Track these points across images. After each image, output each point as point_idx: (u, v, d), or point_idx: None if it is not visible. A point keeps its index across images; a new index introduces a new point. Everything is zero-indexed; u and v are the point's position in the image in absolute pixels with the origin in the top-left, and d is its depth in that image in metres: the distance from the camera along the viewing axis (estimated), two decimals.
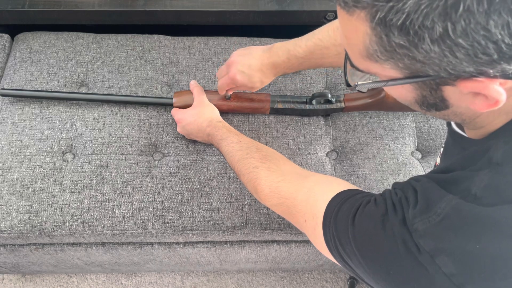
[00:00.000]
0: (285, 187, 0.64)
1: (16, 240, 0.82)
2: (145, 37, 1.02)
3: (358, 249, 0.47)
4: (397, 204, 0.45)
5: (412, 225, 0.42)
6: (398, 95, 0.45)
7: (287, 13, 1.04)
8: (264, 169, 0.68)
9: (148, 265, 1.04)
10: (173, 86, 0.97)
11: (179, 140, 0.89)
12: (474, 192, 0.40)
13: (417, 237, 0.41)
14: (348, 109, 0.90)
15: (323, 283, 1.27)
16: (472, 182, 0.41)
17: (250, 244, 0.91)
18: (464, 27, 0.32)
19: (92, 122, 0.89)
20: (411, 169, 0.88)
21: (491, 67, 0.34)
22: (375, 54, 0.39)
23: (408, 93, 0.43)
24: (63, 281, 1.24)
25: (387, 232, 0.45)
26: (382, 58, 0.39)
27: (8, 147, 0.86)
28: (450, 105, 0.42)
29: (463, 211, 0.40)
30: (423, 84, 0.40)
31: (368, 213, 0.48)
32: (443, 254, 0.40)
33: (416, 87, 0.41)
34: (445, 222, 0.40)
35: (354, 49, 0.41)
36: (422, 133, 0.94)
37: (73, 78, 0.95)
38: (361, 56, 0.41)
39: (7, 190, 0.82)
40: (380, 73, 0.42)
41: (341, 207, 0.51)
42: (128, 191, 0.83)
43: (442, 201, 0.41)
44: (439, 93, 0.41)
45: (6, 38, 1.02)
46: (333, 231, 0.51)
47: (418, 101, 0.43)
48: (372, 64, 0.41)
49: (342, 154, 0.91)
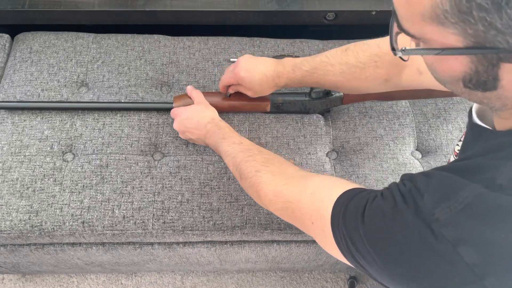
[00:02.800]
0: (289, 191, 0.62)
1: (16, 240, 0.82)
2: (145, 37, 1.02)
3: (371, 245, 0.45)
4: (407, 194, 0.43)
5: (432, 215, 0.40)
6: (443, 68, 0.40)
7: (287, 13, 1.04)
8: (267, 172, 0.66)
9: (148, 265, 1.04)
10: (173, 86, 0.97)
11: (179, 140, 0.89)
12: (500, 182, 0.38)
13: (439, 226, 0.39)
14: (347, 100, 0.89)
15: (323, 283, 1.27)
16: (498, 172, 0.39)
17: (250, 244, 0.91)
18: None
19: (92, 122, 0.89)
20: (411, 169, 0.88)
21: None
22: (443, 15, 0.34)
23: (460, 66, 0.38)
24: (63, 281, 1.24)
25: (399, 225, 0.43)
26: (451, 21, 0.34)
27: (8, 147, 0.86)
28: (499, 86, 0.38)
29: (487, 200, 0.38)
30: (483, 57, 0.36)
31: (377, 208, 0.46)
32: (466, 243, 0.38)
33: (474, 60, 0.36)
34: (468, 210, 0.38)
35: (416, 7, 0.36)
36: (422, 133, 0.94)
37: (73, 78, 0.95)
38: (421, 17, 0.36)
39: (7, 190, 0.82)
40: (436, 39, 0.37)
41: (348, 206, 0.50)
42: (128, 191, 0.83)
43: (464, 189, 0.39)
44: (495, 70, 0.36)
45: (6, 38, 1.02)
46: (343, 231, 0.49)
47: (467, 77, 0.39)
48: (431, 28, 0.36)
49: (342, 154, 0.91)
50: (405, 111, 0.95)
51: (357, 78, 0.74)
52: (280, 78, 0.78)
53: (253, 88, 0.80)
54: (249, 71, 0.78)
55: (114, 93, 0.93)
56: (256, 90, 0.80)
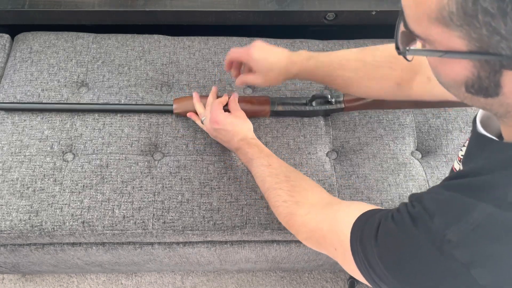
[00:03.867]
0: (312, 220, 0.64)
1: (16, 240, 0.82)
2: (145, 37, 1.02)
3: (387, 269, 0.46)
4: (417, 217, 0.44)
5: (443, 236, 0.40)
6: (446, 71, 0.40)
7: (287, 13, 1.04)
8: (292, 203, 0.68)
9: (148, 265, 1.04)
10: (173, 86, 0.97)
11: (179, 140, 0.89)
12: (511, 200, 0.38)
13: (451, 248, 0.40)
14: (348, 109, 0.90)
15: (323, 283, 1.27)
16: (508, 191, 0.38)
17: (250, 244, 0.91)
18: None
19: (92, 122, 0.89)
20: (411, 169, 0.88)
21: None
22: (449, 17, 0.34)
23: (462, 70, 0.38)
24: (63, 281, 1.24)
25: (411, 248, 0.43)
26: (456, 23, 0.34)
27: (8, 147, 0.86)
28: (501, 92, 0.38)
29: (498, 220, 0.38)
30: (486, 63, 0.36)
31: (388, 231, 0.47)
32: (479, 265, 0.38)
33: (476, 65, 0.36)
34: (480, 231, 0.38)
35: (422, 8, 0.36)
36: (422, 133, 0.94)
37: (73, 78, 0.95)
38: (428, 17, 0.36)
39: (7, 190, 0.82)
40: (440, 41, 0.37)
41: (364, 230, 0.51)
42: (128, 191, 0.83)
43: (475, 210, 0.39)
44: (497, 77, 0.36)
45: (6, 38, 1.02)
46: (361, 255, 0.50)
47: (469, 82, 0.39)
48: (436, 29, 0.36)
49: (342, 154, 0.91)
50: (405, 111, 0.95)
51: (370, 77, 0.73)
52: (294, 65, 0.76)
53: (263, 73, 0.77)
54: (264, 53, 0.76)
55: (114, 93, 0.93)
56: (266, 75, 0.77)
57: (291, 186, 0.70)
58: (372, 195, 0.85)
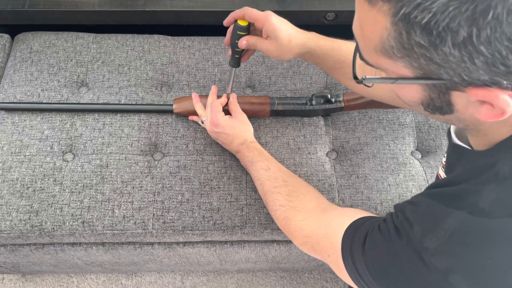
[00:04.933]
0: (307, 226, 0.65)
1: (16, 240, 0.82)
2: (145, 37, 1.02)
3: (373, 278, 0.48)
4: (400, 227, 0.45)
5: (421, 244, 0.42)
6: (404, 94, 0.44)
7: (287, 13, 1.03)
8: (290, 208, 0.69)
9: (148, 265, 1.04)
10: (173, 86, 0.97)
11: (178, 140, 0.89)
12: (482, 206, 0.40)
13: (429, 256, 0.41)
14: (347, 108, 0.90)
15: (323, 283, 1.27)
16: (479, 197, 0.40)
17: (250, 244, 0.91)
18: (489, 35, 0.31)
19: (92, 122, 0.89)
20: (411, 169, 0.88)
21: (506, 78, 0.34)
22: (391, 50, 0.38)
23: (415, 93, 0.42)
24: (63, 281, 1.24)
25: (393, 257, 0.45)
26: (397, 55, 0.38)
27: (8, 147, 0.86)
28: (455, 110, 0.41)
29: (472, 225, 0.39)
30: (433, 86, 0.39)
31: (374, 241, 0.48)
32: (456, 272, 0.39)
33: (426, 88, 0.40)
34: (455, 238, 0.40)
35: (368, 42, 0.40)
36: (422, 133, 0.94)
37: (73, 78, 0.95)
38: (374, 50, 0.39)
39: (7, 190, 0.82)
40: (391, 69, 0.41)
41: (353, 238, 0.52)
42: (128, 191, 0.83)
43: (449, 217, 0.41)
44: (446, 97, 0.40)
45: (6, 38, 1.02)
46: (351, 264, 0.52)
47: (424, 102, 0.42)
48: (384, 60, 0.40)
49: (342, 154, 0.91)
50: (405, 111, 0.95)
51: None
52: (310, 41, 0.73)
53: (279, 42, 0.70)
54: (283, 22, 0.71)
55: (114, 93, 0.93)
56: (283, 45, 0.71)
57: (289, 190, 0.72)
58: (372, 195, 0.85)
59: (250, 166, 0.78)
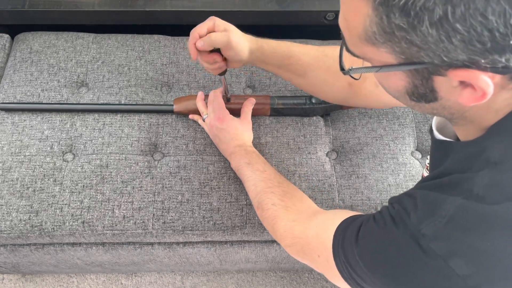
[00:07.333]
0: (298, 227, 0.65)
1: (16, 240, 0.82)
2: (145, 37, 1.02)
3: (367, 267, 0.47)
4: (396, 216, 0.46)
5: (418, 231, 0.42)
6: (389, 84, 0.45)
7: (287, 13, 1.04)
8: (282, 208, 0.69)
9: (148, 265, 1.04)
10: (173, 86, 0.97)
11: (178, 140, 0.89)
12: (477, 192, 0.40)
13: (427, 241, 0.41)
14: (347, 107, 0.90)
15: (323, 283, 1.27)
16: (473, 183, 0.41)
17: (250, 244, 0.91)
18: (463, 12, 0.32)
19: (92, 122, 0.89)
20: (411, 169, 0.88)
21: (483, 57, 0.35)
22: (373, 36, 0.39)
23: (399, 81, 0.43)
24: (63, 281, 1.24)
25: (390, 244, 0.45)
26: (380, 41, 0.39)
27: (8, 147, 0.86)
28: (439, 97, 0.42)
29: (469, 210, 0.40)
30: (416, 72, 0.40)
31: (369, 231, 0.48)
32: (456, 256, 0.40)
33: (409, 74, 0.41)
34: (452, 223, 0.40)
35: (353, 32, 0.41)
36: (422, 133, 0.94)
37: (73, 78, 0.95)
38: (359, 39, 0.41)
39: (7, 190, 0.82)
40: (375, 58, 0.42)
41: (345, 234, 0.52)
42: (128, 191, 0.83)
43: (445, 203, 0.41)
44: (430, 83, 0.41)
45: (6, 38, 1.02)
46: (342, 258, 0.52)
47: (409, 90, 0.43)
48: (368, 48, 0.41)
49: (342, 154, 0.91)
50: (405, 111, 0.95)
51: (327, 70, 0.73)
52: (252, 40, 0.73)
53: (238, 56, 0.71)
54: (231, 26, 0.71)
55: (114, 94, 0.93)
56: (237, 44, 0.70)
57: (283, 191, 0.72)
58: (372, 195, 0.85)
59: (246, 167, 0.78)
